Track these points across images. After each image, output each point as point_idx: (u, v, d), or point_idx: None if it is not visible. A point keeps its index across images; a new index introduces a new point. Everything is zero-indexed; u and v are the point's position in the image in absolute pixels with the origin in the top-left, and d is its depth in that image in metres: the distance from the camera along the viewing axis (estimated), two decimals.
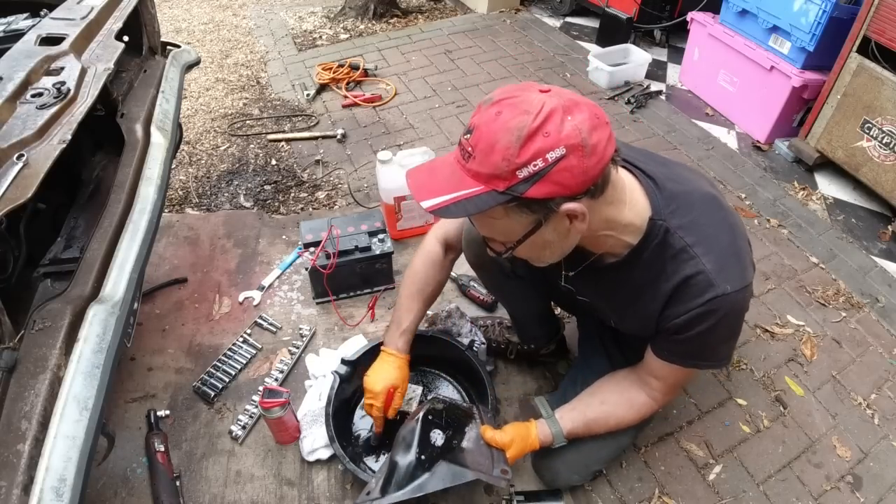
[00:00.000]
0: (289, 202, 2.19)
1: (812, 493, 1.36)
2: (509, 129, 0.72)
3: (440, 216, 0.80)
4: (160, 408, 1.45)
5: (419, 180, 0.83)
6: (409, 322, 1.26)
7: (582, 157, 0.72)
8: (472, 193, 0.76)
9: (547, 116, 0.71)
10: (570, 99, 0.74)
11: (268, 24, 3.64)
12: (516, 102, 0.73)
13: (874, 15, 1.97)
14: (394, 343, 1.25)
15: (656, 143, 2.56)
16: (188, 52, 1.67)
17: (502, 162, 0.72)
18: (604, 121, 0.75)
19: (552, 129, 0.71)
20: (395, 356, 1.25)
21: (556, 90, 0.75)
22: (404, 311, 1.26)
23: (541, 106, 0.72)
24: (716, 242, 0.89)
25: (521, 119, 0.71)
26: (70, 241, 1.16)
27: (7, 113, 1.00)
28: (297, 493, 1.31)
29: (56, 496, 0.73)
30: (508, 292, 1.39)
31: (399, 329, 1.25)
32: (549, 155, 0.71)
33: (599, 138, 0.73)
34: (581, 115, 0.73)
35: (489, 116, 0.74)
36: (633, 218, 0.88)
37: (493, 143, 0.73)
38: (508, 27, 3.56)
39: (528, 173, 0.72)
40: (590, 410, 1.16)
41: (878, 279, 1.94)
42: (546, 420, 1.17)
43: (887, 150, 2.04)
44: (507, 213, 0.78)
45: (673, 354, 1.01)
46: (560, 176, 0.73)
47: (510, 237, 0.84)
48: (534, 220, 0.79)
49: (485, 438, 1.12)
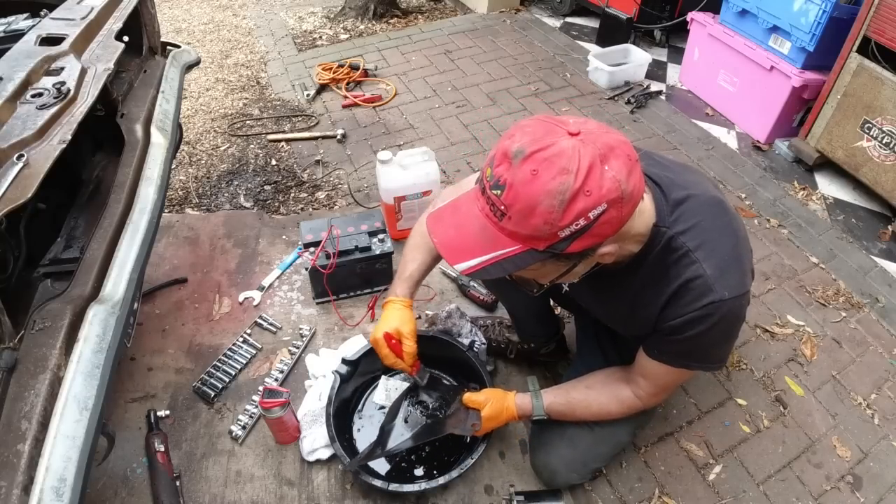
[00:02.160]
0: (289, 202, 2.19)
1: (812, 493, 1.36)
2: (550, 193, 0.69)
3: (478, 278, 0.81)
4: (160, 408, 1.45)
5: (446, 239, 0.81)
6: (413, 270, 1.21)
7: (621, 207, 0.72)
8: (509, 254, 0.75)
9: (587, 174, 0.69)
10: (604, 144, 0.71)
11: (268, 25, 3.64)
12: (551, 157, 0.70)
13: (874, 15, 1.97)
14: (394, 291, 1.22)
15: (656, 143, 2.56)
16: (188, 53, 1.67)
17: (544, 225, 0.71)
18: (635, 159, 0.74)
19: (593, 187, 0.69)
20: (393, 301, 1.21)
21: (585, 133, 0.72)
22: (408, 261, 1.23)
23: (578, 160, 0.69)
24: (718, 248, 0.89)
25: (562, 181, 0.69)
26: (70, 241, 1.16)
27: (7, 113, 1.00)
28: (297, 493, 1.31)
29: (56, 496, 0.73)
30: (507, 290, 1.39)
31: (401, 277, 1.22)
32: (591, 213, 0.70)
33: (635, 183, 0.73)
34: (617, 161, 0.71)
35: (524, 176, 0.70)
36: (640, 227, 0.88)
37: (534, 206, 0.70)
38: (508, 27, 3.56)
39: (570, 233, 0.72)
40: (574, 392, 1.18)
41: (878, 279, 1.94)
42: (530, 393, 1.21)
43: (887, 150, 2.04)
44: (543, 264, 0.78)
45: (664, 354, 1.01)
46: (600, 229, 0.73)
47: (543, 278, 0.86)
48: (569, 264, 0.81)
49: (462, 401, 1.22)
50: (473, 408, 1.21)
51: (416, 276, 1.22)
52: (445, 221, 0.84)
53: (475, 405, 1.20)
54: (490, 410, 1.18)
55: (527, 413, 1.19)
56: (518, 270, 0.78)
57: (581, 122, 0.74)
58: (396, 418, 1.29)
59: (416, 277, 1.22)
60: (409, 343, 1.19)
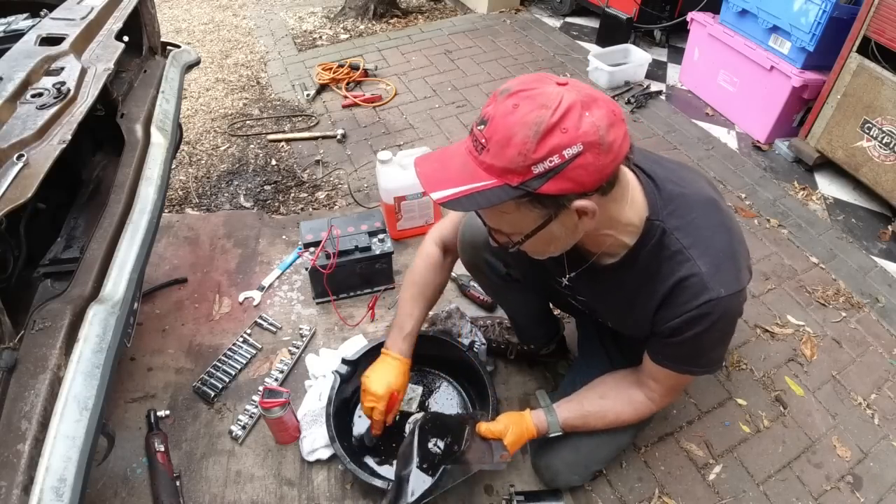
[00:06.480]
0: (289, 202, 2.19)
1: (812, 493, 1.36)
2: (526, 124, 0.70)
3: (450, 209, 0.79)
4: (160, 408, 1.45)
5: (428, 171, 0.81)
6: (412, 326, 1.25)
7: (598, 154, 0.71)
8: (484, 187, 0.74)
9: (565, 112, 0.70)
10: (588, 94, 0.72)
11: (268, 25, 3.64)
12: (534, 95, 0.71)
13: (874, 15, 1.97)
14: (396, 346, 1.24)
15: (656, 143, 2.56)
16: (188, 53, 1.67)
17: (518, 157, 0.71)
18: (620, 117, 0.74)
19: (570, 126, 0.70)
20: (397, 360, 1.23)
21: (573, 83, 0.74)
22: (406, 315, 1.25)
23: (559, 100, 0.70)
24: (712, 245, 0.89)
25: (540, 113, 0.70)
26: (70, 241, 1.16)
27: (7, 113, 1.00)
28: (297, 493, 1.31)
29: (56, 496, 0.73)
30: (505, 294, 1.38)
31: (402, 333, 1.24)
32: (566, 152, 0.70)
33: (616, 136, 0.73)
34: (599, 111, 0.71)
35: (506, 109, 0.72)
36: (632, 217, 0.88)
37: (510, 136, 0.71)
38: (508, 27, 3.56)
39: (544, 169, 0.71)
40: (588, 403, 1.16)
41: (878, 279, 1.94)
42: (543, 409, 1.17)
43: (887, 150, 2.04)
44: (518, 207, 0.77)
45: (667, 359, 1.01)
46: (575, 173, 0.72)
47: (518, 230, 0.83)
48: (544, 214, 0.78)
49: (480, 433, 1.13)
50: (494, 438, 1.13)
51: (415, 332, 1.26)
52: (431, 157, 0.84)
53: (496, 435, 1.12)
54: (512, 437, 1.12)
55: (543, 431, 1.16)
56: (490, 206, 0.76)
57: (575, 80, 0.75)
58: (411, 465, 1.11)
59: (415, 333, 1.26)
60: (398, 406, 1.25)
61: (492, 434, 1.12)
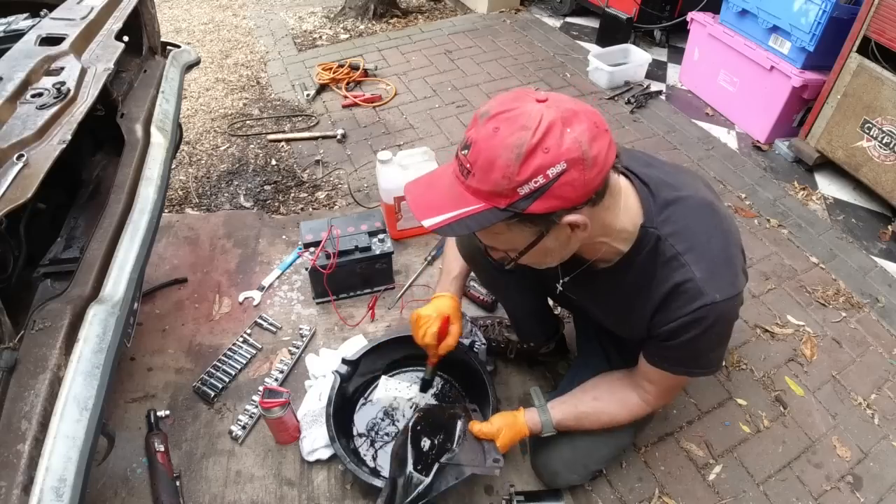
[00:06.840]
0: (289, 202, 2.19)
1: (812, 493, 1.36)
2: (508, 147, 0.71)
3: (442, 235, 0.81)
4: (160, 408, 1.45)
5: (418, 198, 0.82)
6: (459, 268, 1.28)
7: (583, 170, 0.72)
8: (473, 211, 0.75)
9: (546, 131, 0.70)
10: (569, 109, 0.73)
11: (268, 25, 3.64)
12: (514, 116, 0.72)
13: (874, 15, 1.97)
14: (444, 287, 1.27)
15: (656, 144, 2.56)
16: (188, 52, 1.67)
17: (503, 180, 0.72)
18: (603, 128, 0.74)
19: (552, 145, 0.70)
20: (445, 295, 1.25)
21: (553, 99, 0.74)
22: (453, 261, 1.29)
23: (539, 119, 0.70)
24: (707, 250, 0.89)
25: (520, 135, 0.70)
26: (70, 241, 1.16)
27: (7, 113, 1.00)
28: (297, 493, 1.31)
29: (56, 496, 0.73)
30: (503, 288, 1.39)
31: (450, 276, 1.28)
32: (549, 171, 0.71)
33: (600, 149, 0.73)
34: (580, 125, 0.72)
35: (487, 132, 0.72)
36: (626, 224, 0.88)
37: (493, 160, 0.72)
38: (508, 27, 3.56)
39: (530, 190, 0.72)
40: (582, 404, 1.16)
41: (878, 279, 1.94)
42: (537, 408, 1.17)
43: (887, 150, 2.04)
44: (509, 227, 0.78)
45: (663, 361, 1.01)
46: (561, 190, 0.72)
47: (513, 247, 0.85)
48: (536, 231, 0.79)
49: (473, 433, 1.13)
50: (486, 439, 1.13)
51: (464, 275, 1.30)
52: (420, 183, 0.85)
53: (488, 437, 1.13)
54: (505, 439, 1.12)
55: (537, 431, 1.16)
56: (481, 229, 0.77)
57: (554, 95, 0.75)
58: (405, 465, 1.11)
59: (464, 276, 1.30)
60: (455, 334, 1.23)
61: (484, 436, 1.13)
